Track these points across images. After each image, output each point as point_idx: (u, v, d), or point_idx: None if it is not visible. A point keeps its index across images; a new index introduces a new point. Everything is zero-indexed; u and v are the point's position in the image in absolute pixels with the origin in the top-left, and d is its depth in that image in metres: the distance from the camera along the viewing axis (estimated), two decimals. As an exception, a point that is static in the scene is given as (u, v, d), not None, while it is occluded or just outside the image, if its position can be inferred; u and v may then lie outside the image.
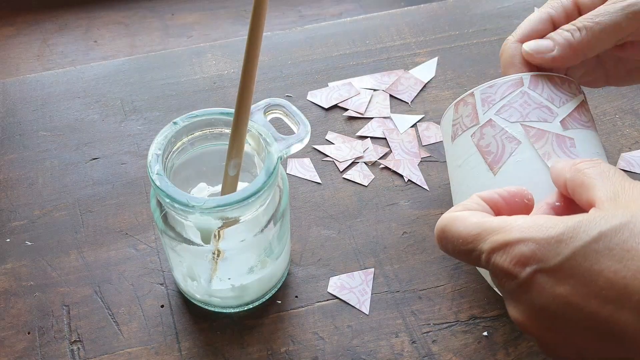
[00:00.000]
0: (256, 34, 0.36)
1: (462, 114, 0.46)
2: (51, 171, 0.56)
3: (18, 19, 0.76)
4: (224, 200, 0.37)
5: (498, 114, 0.43)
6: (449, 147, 0.48)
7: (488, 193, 0.37)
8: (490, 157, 0.43)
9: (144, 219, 0.53)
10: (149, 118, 0.60)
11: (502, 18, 0.69)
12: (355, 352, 0.46)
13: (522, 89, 0.43)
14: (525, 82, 0.44)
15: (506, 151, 0.42)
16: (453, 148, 0.46)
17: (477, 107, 0.45)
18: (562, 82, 0.44)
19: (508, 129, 0.43)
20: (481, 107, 0.44)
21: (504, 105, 0.43)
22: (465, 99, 0.46)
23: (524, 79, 0.44)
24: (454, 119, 0.46)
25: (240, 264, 0.44)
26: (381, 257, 0.51)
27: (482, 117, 0.44)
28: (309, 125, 0.41)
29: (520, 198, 0.37)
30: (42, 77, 0.63)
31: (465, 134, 0.45)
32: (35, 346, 0.46)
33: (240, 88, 0.38)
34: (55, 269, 0.50)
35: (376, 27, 0.68)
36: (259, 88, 0.62)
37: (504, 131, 0.43)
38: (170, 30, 0.76)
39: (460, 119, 0.46)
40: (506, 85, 0.44)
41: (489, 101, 0.44)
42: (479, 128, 0.44)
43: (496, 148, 0.43)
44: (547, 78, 0.44)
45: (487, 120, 0.44)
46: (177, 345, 0.46)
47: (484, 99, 0.45)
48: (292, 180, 0.55)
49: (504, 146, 0.42)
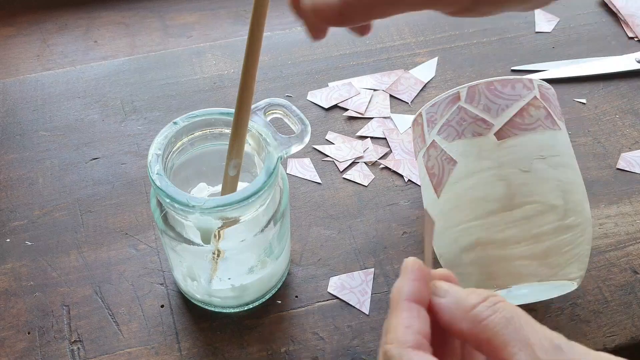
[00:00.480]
0: (257, 34, 0.36)
1: (416, 134, 0.46)
2: (51, 171, 0.56)
3: (18, 19, 0.76)
4: (224, 200, 0.37)
5: (439, 134, 0.43)
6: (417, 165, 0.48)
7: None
8: (435, 179, 0.43)
9: (144, 219, 0.53)
10: (149, 118, 0.60)
11: (502, 18, 0.69)
12: (355, 352, 0.46)
13: (459, 104, 0.42)
14: (462, 96, 0.42)
15: (445, 172, 0.42)
16: (418, 166, 0.47)
17: (424, 128, 0.45)
18: (504, 85, 0.42)
19: (446, 149, 0.42)
20: (427, 128, 0.44)
21: (443, 124, 0.43)
22: (417, 119, 0.46)
23: (461, 92, 0.43)
24: (414, 139, 0.47)
25: (240, 264, 0.44)
26: (381, 257, 0.51)
27: (428, 138, 0.44)
28: (309, 125, 0.41)
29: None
30: (42, 77, 0.63)
31: (419, 155, 0.46)
32: (35, 346, 0.46)
33: (240, 88, 0.38)
34: (55, 269, 0.50)
35: (376, 27, 0.68)
36: (259, 88, 0.62)
37: (444, 152, 0.43)
38: (170, 30, 0.76)
39: (416, 140, 0.46)
40: (445, 102, 0.43)
41: (432, 121, 0.44)
42: (426, 149, 0.44)
43: (438, 170, 0.43)
44: (485, 86, 0.42)
45: (431, 142, 0.44)
46: (177, 345, 0.46)
47: (428, 119, 0.44)
48: (292, 180, 0.55)
49: (444, 168, 0.42)
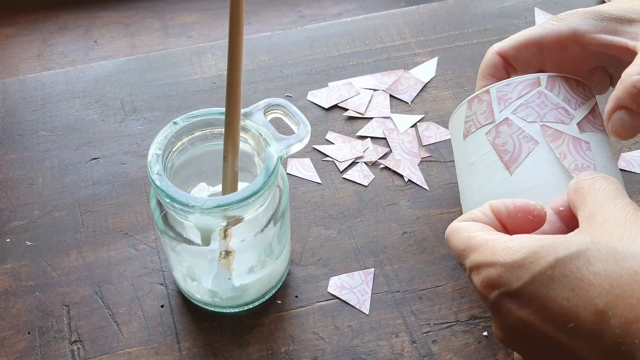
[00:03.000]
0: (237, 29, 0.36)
1: (477, 111, 0.45)
2: (51, 171, 0.56)
3: (18, 19, 0.76)
4: (224, 200, 0.37)
5: (515, 112, 0.43)
6: (459, 145, 0.47)
7: (497, 203, 0.37)
8: (507, 156, 0.42)
9: (144, 219, 0.53)
10: (149, 118, 0.60)
11: (502, 18, 0.69)
12: (355, 352, 0.46)
13: (539, 89, 0.43)
14: (542, 82, 0.43)
15: (523, 151, 0.42)
16: (464, 145, 0.46)
17: (492, 105, 0.44)
18: (578, 84, 0.44)
19: (525, 128, 0.42)
20: (497, 105, 0.44)
21: (520, 105, 0.43)
22: (480, 96, 0.45)
23: (541, 79, 0.43)
24: (467, 116, 0.46)
25: (240, 264, 0.44)
26: (381, 257, 0.51)
27: (498, 115, 0.44)
28: (309, 125, 0.41)
29: (524, 214, 0.36)
30: (42, 77, 0.63)
31: (480, 132, 0.44)
32: (35, 346, 0.46)
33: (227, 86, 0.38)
34: (55, 269, 0.50)
35: (376, 27, 0.68)
36: (259, 88, 0.62)
37: (521, 130, 0.42)
38: (170, 30, 0.76)
39: (474, 116, 0.45)
40: (523, 84, 0.44)
41: (505, 99, 0.44)
42: (495, 126, 0.43)
43: (513, 147, 0.42)
44: (564, 79, 0.44)
45: (503, 119, 0.43)
46: (177, 345, 0.46)
47: (500, 97, 0.44)
48: (292, 180, 0.55)
49: (521, 145, 0.42)
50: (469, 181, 0.45)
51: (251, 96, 0.61)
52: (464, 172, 0.46)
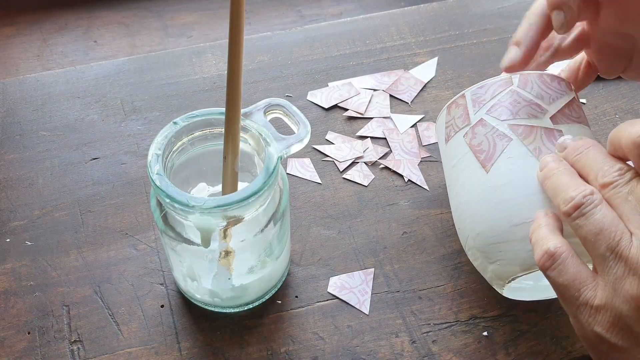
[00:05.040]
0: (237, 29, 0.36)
1: (455, 115, 0.46)
2: (51, 171, 0.56)
3: (18, 19, 0.76)
4: (224, 200, 0.37)
5: (489, 113, 0.44)
6: (443, 149, 0.48)
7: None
8: (483, 155, 0.43)
9: (144, 219, 0.53)
10: (149, 118, 0.60)
11: (502, 18, 0.69)
12: (355, 352, 0.46)
13: (512, 88, 0.44)
14: (514, 81, 0.44)
15: (497, 149, 0.43)
16: (447, 149, 0.47)
17: (468, 108, 0.45)
18: (552, 80, 0.45)
19: (499, 127, 0.43)
20: (472, 108, 0.45)
21: (494, 105, 0.44)
22: (456, 101, 0.46)
23: (513, 78, 0.44)
24: (447, 121, 0.47)
25: (240, 264, 0.44)
26: (381, 257, 0.51)
27: (474, 117, 0.45)
28: (309, 125, 0.41)
29: None
30: (42, 77, 0.63)
31: (458, 135, 0.46)
32: (35, 346, 0.46)
33: (227, 86, 0.38)
34: (55, 269, 0.50)
35: (376, 27, 0.68)
36: (259, 88, 0.62)
37: (495, 129, 0.43)
38: (170, 30, 0.76)
39: (453, 121, 0.46)
40: (496, 85, 0.45)
41: (479, 101, 0.45)
42: (471, 128, 0.45)
43: (488, 146, 0.43)
44: (537, 76, 0.44)
45: (478, 120, 0.44)
46: (177, 345, 0.46)
47: (474, 100, 0.45)
48: (292, 180, 0.55)
49: (495, 144, 0.43)
50: (452, 182, 0.46)
51: (251, 96, 0.61)
52: (449, 176, 0.47)
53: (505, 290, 0.43)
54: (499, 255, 0.42)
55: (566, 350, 0.46)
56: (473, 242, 0.44)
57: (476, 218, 0.43)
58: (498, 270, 0.42)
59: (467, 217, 0.44)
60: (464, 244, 0.45)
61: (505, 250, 0.41)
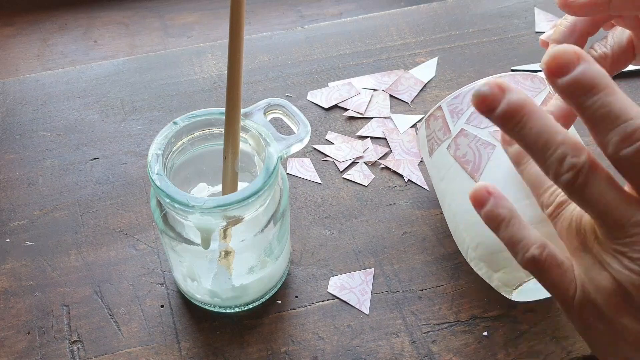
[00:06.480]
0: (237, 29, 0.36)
1: (434, 128, 0.47)
2: (51, 171, 0.56)
3: (18, 19, 0.76)
4: (224, 200, 0.37)
5: (468, 122, 0.44)
6: (428, 162, 0.48)
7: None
8: (469, 165, 0.43)
9: (144, 219, 0.53)
10: (149, 118, 0.60)
11: (502, 18, 0.69)
12: (355, 352, 0.46)
13: None
14: None
15: (483, 158, 0.43)
16: (432, 162, 0.47)
17: (447, 119, 0.46)
18: (524, 79, 0.45)
19: (480, 135, 0.44)
20: (451, 119, 0.45)
21: (472, 113, 0.44)
22: (434, 114, 0.47)
23: None
24: (428, 135, 0.47)
25: (240, 264, 0.44)
26: (381, 257, 0.51)
27: (454, 128, 0.45)
28: (309, 125, 0.41)
29: None
30: (42, 77, 0.63)
31: (441, 147, 0.46)
32: (35, 346, 0.46)
33: (227, 86, 0.38)
34: (55, 269, 0.50)
35: (376, 27, 0.68)
36: (259, 88, 0.62)
37: (477, 138, 0.44)
38: (170, 30, 0.76)
39: (434, 134, 0.47)
40: (469, 93, 0.45)
41: (457, 112, 0.45)
42: (453, 139, 0.45)
43: (473, 156, 0.43)
44: (509, 78, 0.45)
45: (459, 131, 0.45)
46: (177, 345, 0.46)
47: (451, 110, 0.45)
48: (292, 180, 0.55)
49: (480, 153, 0.43)
50: (443, 195, 0.46)
51: (251, 96, 0.61)
52: (439, 188, 0.47)
53: (513, 295, 0.43)
54: (503, 263, 0.41)
55: (566, 350, 0.46)
56: (474, 252, 0.44)
57: (473, 229, 0.43)
58: (504, 278, 0.42)
59: (463, 229, 0.44)
60: (465, 255, 0.45)
61: (509, 257, 0.41)
